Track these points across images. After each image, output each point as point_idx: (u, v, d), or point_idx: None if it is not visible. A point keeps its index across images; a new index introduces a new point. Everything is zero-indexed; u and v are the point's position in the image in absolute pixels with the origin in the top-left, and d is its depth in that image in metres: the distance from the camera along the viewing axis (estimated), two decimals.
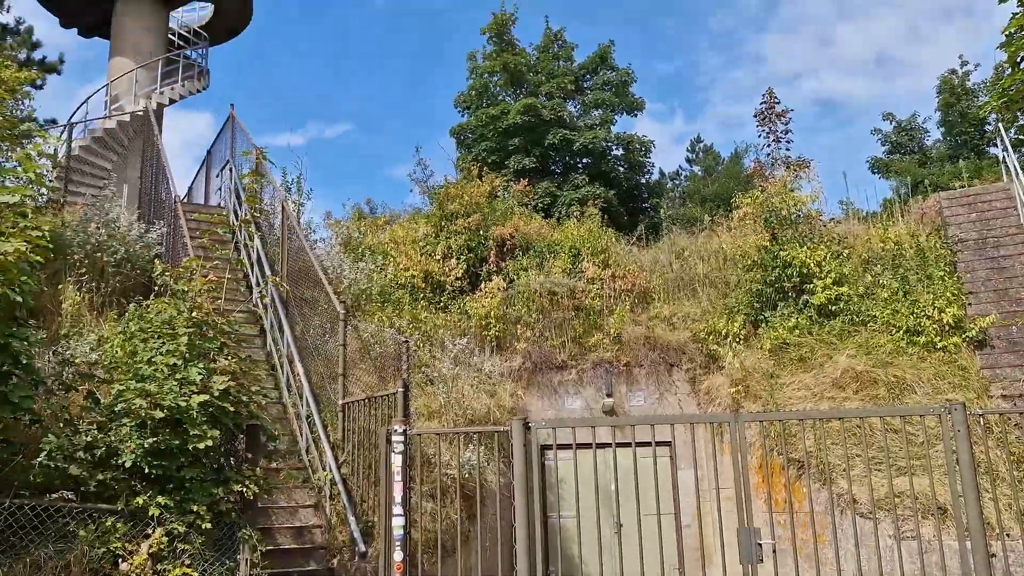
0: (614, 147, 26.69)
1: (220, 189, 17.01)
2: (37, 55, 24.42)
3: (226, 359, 8.11)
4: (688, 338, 15.62)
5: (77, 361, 9.72)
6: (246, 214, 14.89)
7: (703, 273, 17.04)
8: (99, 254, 12.73)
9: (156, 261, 12.25)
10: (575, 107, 27.48)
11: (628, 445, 7.41)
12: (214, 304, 9.19)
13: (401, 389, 9.49)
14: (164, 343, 7.85)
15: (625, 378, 15.76)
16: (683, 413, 14.83)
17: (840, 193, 65.21)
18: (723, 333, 15.10)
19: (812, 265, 14.92)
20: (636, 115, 27.61)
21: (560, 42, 27.89)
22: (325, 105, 69.25)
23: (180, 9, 25.37)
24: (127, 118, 21.59)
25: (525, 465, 7.18)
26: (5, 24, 23.41)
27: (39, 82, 23.80)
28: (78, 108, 21.81)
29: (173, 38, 24.52)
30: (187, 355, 7.88)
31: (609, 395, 15.51)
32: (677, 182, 39.33)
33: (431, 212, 17.66)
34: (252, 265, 14.19)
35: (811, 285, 14.79)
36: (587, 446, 7.80)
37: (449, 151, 26.92)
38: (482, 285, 16.17)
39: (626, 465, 7.36)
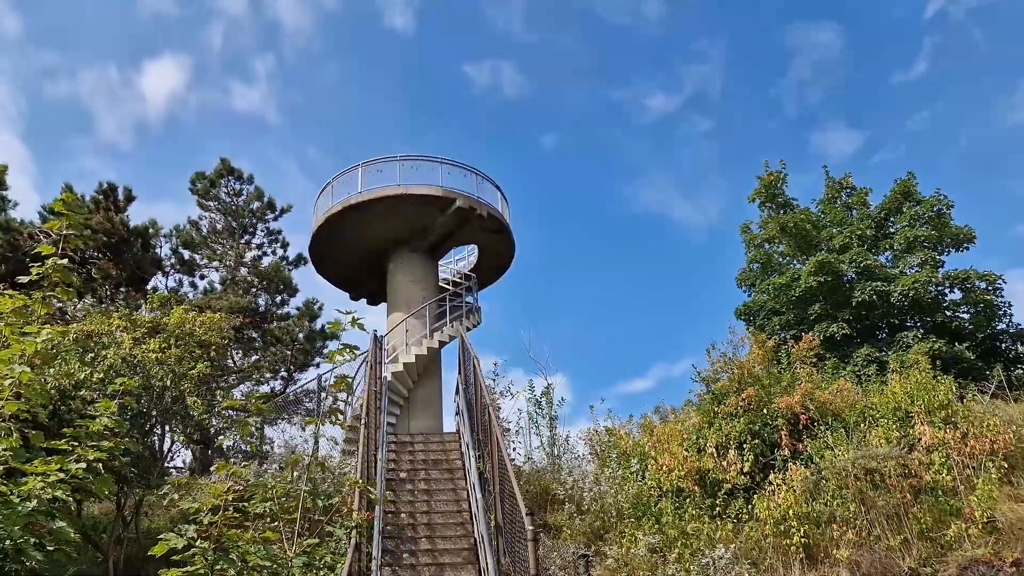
0: (947, 290, 21.35)
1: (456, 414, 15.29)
2: (318, 324, 25.84)
3: None
4: None
5: None
6: (469, 433, 12.79)
7: None
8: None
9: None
10: (886, 259, 22.87)
11: None
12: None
13: None
14: None
15: None
16: None
17: None
18: None
19: None
20: (966, 248, 22.19)
21: (848, 190, 23.97)
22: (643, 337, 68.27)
23: (453, 256, 26.03)
24: (400, 368, 21.44)
25: None
26: (298, 306, 25.33)
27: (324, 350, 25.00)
28: (358, 369, 22.30)
29: (446, 286, 24.83)
30: None
31: None
32: None
33: (700, 396, 14.26)
34: (470, 490, 11.80)
35: None
36: None
37: (740, 335, 23.28)
38: (771, 476, 12.12)
39: None
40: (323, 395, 19.06)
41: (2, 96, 66.71)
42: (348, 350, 6.67)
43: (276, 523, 6.12)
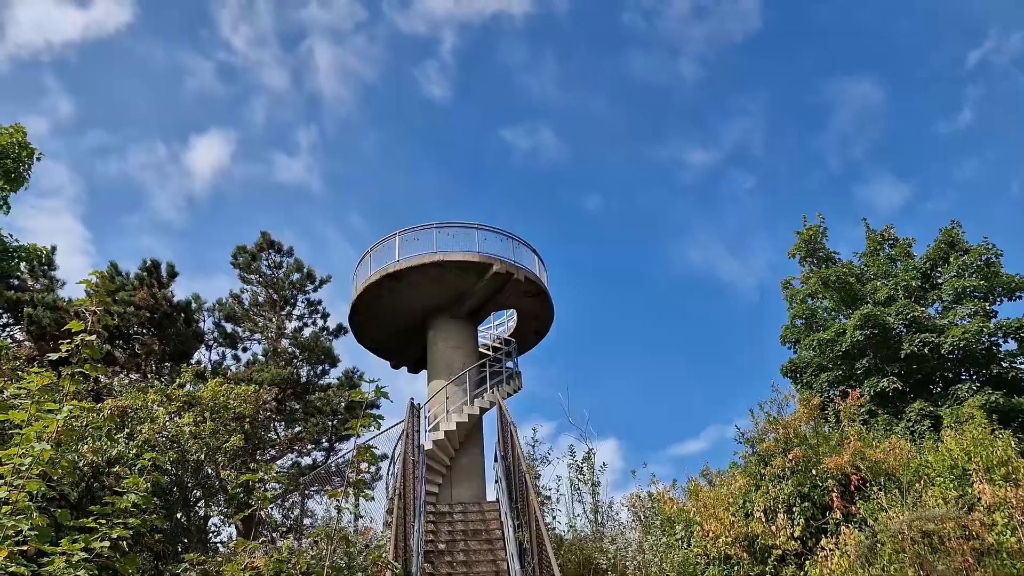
0: (1002, 340, 20.65)
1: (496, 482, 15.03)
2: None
3: None
4: None
5: None
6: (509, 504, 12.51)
7: None
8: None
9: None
10: (935, 310, 22.27)
11: None
12: None
13: None
14: None
15: None
16: None
17: None
18: None
19: None
20: (1019, 297, 21.51)
21: (891, 241, 23.54)
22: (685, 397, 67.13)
23: (493, 320, 25.93)
24: (442, 436, 21.26)
25: None
26: (338, 376, 25.44)
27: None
28: (398, 439, 22.15)
29: (485, 351, 24.70)
30: None
31: None
32: None
33: (745, 457, 13.83)
34: (509, 561, 11.48)
35: None
36: None
37: (784, 393, 22.67)
38: (823, 541, 11.61)
39: None
40: (363, 466, 18.90)
41: (62, 178, 69.41)
42: (372, 420, 6.56)
43: None
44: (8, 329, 21.22)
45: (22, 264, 13.65)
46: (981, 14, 63.45)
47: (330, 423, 23.73)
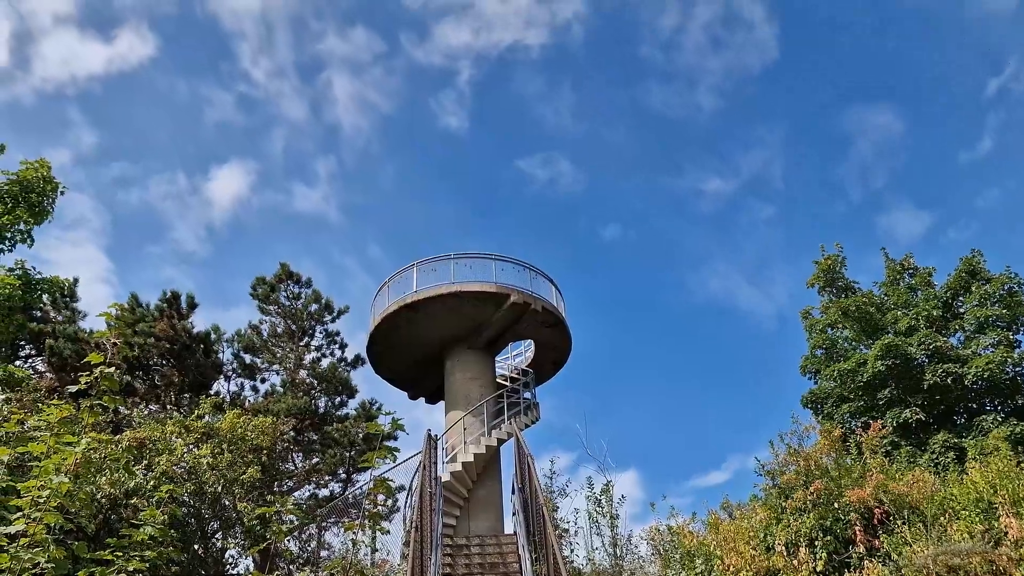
0: None
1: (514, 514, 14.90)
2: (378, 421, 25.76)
3: None
4: None
5: None
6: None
7: None
8: None
9: None
10: (958, 340, 22.04)
11: None
12: None
13: None
14: None
15: None
16: None
17: None
18: None
19: None
20: None
21: (911, 270, 23.38)
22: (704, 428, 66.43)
23: (510, 351, 25.86)
24: (459, 467, 21.16)
25: None
26: (356, 407, 25.44)
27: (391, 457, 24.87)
28: (415, 471, 22.06)
29: (503, 382, 24.62)
30: None
31: None
32: None
33: (766, 490, 13.67)
34: None
35: None
36: None
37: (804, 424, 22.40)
38: None
39: None
40: (380, 498, 18.82)
41: (86, 209, 70.40)
42: (389, 452, 6.55)
43: None
44: (30, 360, 21.45)
45: (44, 296, 13.83)
46: (1000, 42, 63.39)
47: (348, 454, 23.70)
